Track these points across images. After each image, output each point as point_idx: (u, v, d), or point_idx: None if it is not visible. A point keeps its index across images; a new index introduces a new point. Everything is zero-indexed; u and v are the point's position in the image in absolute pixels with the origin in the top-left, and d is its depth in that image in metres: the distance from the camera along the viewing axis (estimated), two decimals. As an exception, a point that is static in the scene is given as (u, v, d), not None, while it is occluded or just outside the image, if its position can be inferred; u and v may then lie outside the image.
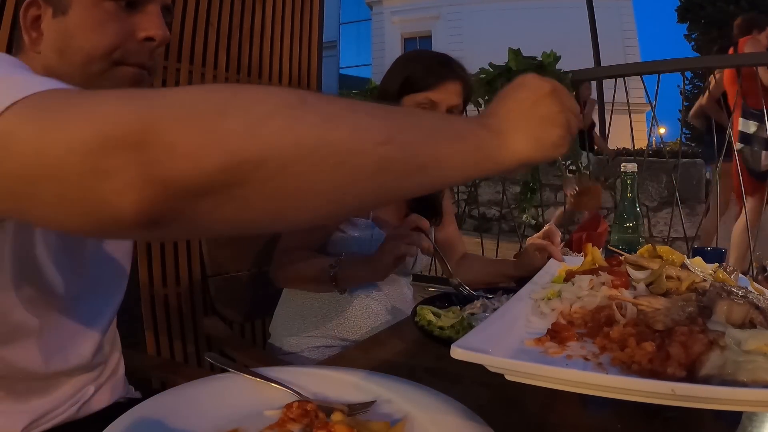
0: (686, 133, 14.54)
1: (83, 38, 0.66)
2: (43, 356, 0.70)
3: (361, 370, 0.69)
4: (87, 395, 0.78)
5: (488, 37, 15.50)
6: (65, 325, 0.74)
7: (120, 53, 0.67)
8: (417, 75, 1.24)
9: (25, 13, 0.67)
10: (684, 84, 2.92)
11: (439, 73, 1.24)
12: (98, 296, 0.80)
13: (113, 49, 0.67)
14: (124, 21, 0.68)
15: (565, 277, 0.83)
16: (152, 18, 0.69)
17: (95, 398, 0.80)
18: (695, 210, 4.64)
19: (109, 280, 0.84)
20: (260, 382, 0.64)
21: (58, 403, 0.74)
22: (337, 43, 20.15)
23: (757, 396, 0.43)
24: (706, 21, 14.60)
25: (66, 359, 0.74)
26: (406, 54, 1.35)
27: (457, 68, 1.27)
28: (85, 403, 0.78)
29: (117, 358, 0.88)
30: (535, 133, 0.48)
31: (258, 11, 2.24)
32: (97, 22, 0.66)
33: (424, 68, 1.25)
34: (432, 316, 0.95)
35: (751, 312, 0.58)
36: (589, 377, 0.49)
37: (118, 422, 0.52)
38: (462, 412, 0.57)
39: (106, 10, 0.67)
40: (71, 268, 0.72)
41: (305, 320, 1.29)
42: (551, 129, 0.50)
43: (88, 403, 0.78)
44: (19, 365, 0.67)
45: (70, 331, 0.75)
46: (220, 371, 0.67)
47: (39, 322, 0.69)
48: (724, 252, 1.19)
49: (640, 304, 0.64)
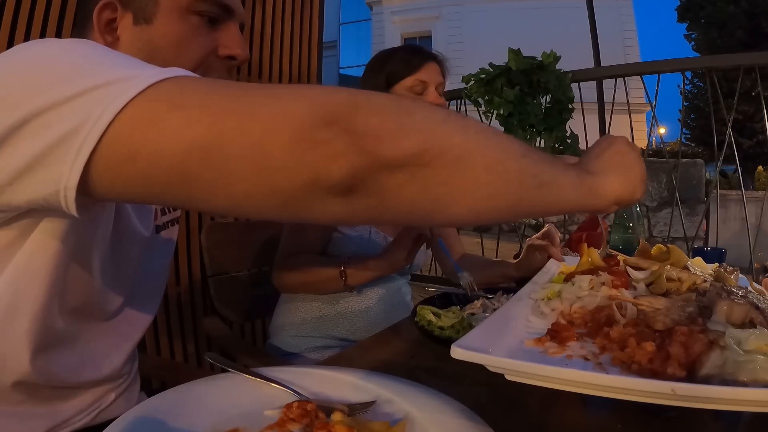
0: (686, 133, 14.57)
1: (169, 50, 0.65)
2: (76, 366, 0.69)
3: (361, 370, 0.69)
4: (106, 402, 0.77)
5: (488, 37, 15.51)
6: (102, 337, 0.73)
7: (203, 69, 0.67)
8: (396, 67, 1.28)
9: (99, 14, 0.65)
10: (684, 84, 2.92)
11: (417, 59, 1.29)
12: (136, 308, 0.79)
13: (198, 64, 0.67)
14: (207, 36, 0.68)
15: (565, 277, 0.83)
16: (233, 36, 0.70)
17: (114, 405, 0.78)
18: (695, 210, 4.64)
19: (148, 293, 0.83)
20: (260, 382, 0.64)
21: (79, 410, 0.72)
22: (337, 43, 20.16)
23: (757, 396, 0.43)
24: (706, 21, 14.60)
25: (98, 370, 0.73)
26: (376, 56, 1.37)
27: (430, 51, 1.33)
28: (103, 410, 0.76)
29: (137, 366, 0.88)
30: (624, 176, 0.57)
31: (258, 11, 2.24)
32: (184, 35, 0.66)
33: (401, 59, 1.29)
34: (432, 316, 0.95)
35: (751, 312, 0.58)
36: (589, 377, 0.49)
37: (119, 422, 0.52)
38: (462, 412, 0.57)
39: (192, 24, 0.66)
40: (113, 281, 0.71)
41: (305, 320, 1.29)
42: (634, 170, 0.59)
43: (106, 410, 0.77)
44: (51, 373, 0.65)
45: (106, 342, 0.74)
46: (220, 371, 0.67)
47: (78, 332, 0.68)
48: (724, 252, 1.19)
49: (640, 304, 0.64)
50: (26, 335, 0.59)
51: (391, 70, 1.28)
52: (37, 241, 0.55)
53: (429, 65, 1.29)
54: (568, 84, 3.02)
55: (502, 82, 3.00)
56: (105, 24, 0.65)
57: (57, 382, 0.67)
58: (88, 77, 0.41)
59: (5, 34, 1.48)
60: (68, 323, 0.65)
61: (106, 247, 0.67)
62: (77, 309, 0.66)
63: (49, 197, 0.42)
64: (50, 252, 0.56)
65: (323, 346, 1.28)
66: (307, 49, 2.51)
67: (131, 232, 0.73)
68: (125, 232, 0.71)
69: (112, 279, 0.71)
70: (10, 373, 0.61)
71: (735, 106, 2.90)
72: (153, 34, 0.65)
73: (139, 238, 0.75)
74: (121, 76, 0.41)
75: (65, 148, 0.40)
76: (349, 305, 1.28)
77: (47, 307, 0.60)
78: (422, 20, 19.14)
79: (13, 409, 0.64)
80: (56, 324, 0.63)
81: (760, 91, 2.79)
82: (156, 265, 0.83)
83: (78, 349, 0.69)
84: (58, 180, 0.41)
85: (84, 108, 0.40)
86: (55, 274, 0.58)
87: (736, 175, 4.20)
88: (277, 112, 0.39)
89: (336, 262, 1.17)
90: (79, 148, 0.39)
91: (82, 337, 0.69)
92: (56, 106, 0.40)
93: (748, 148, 12.58)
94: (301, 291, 1.28)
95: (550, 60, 2.98)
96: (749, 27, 13.64)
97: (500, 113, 2.98)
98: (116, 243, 0.69)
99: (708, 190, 5.24)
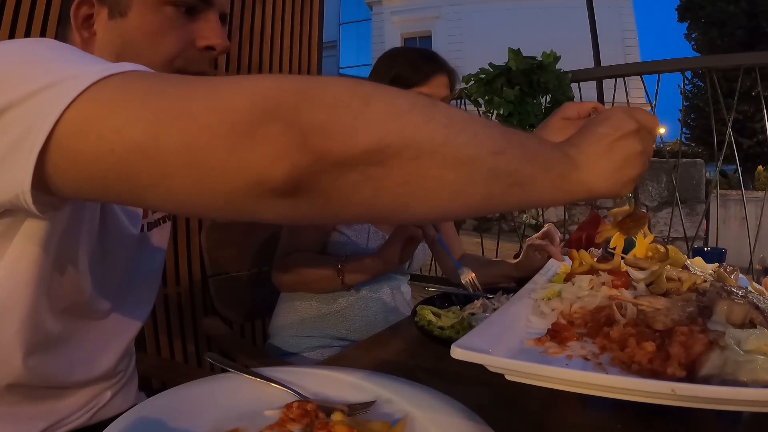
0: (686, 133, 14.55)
1: (143, 43, 0.64)
2: (68, 365, 0.69)
3: (361, 370, 0.69)
4: (103, 401, 0.77)
5: (488, 37, 15.49)
6: (93, 336, 0.73)
7: (181, 61, 0.66)
8: (405, 72, 1.26)
9: (76, 11, 0.64)
10: (684, 84, 2.92)
11: (427, 68, 1.26)
12: (128, 308, 0.79)
13: (174, 56, 0.66)
14: (184, 28, 0.67)
15: (565, 277, 0.83)
16: (212, 26, 0.68)
17: (110, 404, 0.78)
18: (695, 210, 4.63)
19: (140, 293, 0.82)
20: (260, 382, 0.64)
21: (75, 409, 0.72)
22: (337, 43, 20.14)
23: (757, 396, 0.43)
24: (706, 21, 14.60)
25: (90, 369, 0.73)
26: (389, 52, 1.36)
27: (443, 62, 1.30)
28: (100, 409, 0.76)
29: (134, 364, 0.87)
30: (611, 172, 0.49)
31: (258, 11, 2.24)
32: (158, 27, 0.65)
33: (410, 65, 1.27)
34: (432, 316, 0.95)
35: (751, 312, 0.58)
36: (589, 377, 0.49)
37: (118, 422, 0.52)
38: (462, 412, 0.57)
39: (167, 15, 0.65)
40: (103, 280, 0.71)
41: (305, 320, 1.29)
42: (627, 170, 0.50)
43: (103, 409, 0.77)
44: (43, 373, 0.65)
45: (98, 341, 0.74)
46: (220, 371, 0.67)
47: (69, 331, 0.68)
48: (724, 252, 1.19)
49: (641, 304, 0.64)
50: (17, 336, 0.59)
51: (399, 73, 1.26)
52: (22, 241, 0.55)
53: (438, 79, 1.26)
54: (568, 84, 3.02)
55: (502, 82, 3.00)
56: (82, 20, 0.65)
57: (51, 382, 0.67)
58: (39, 78, 0.41)
59: (5, 34, 1.48)
60: (60, 323, 0.65)
61: (94, 245, 0.67)
62: (68, 309, 0.66)
63: (12, 199, 0.42)
64: (35, 251, 0.56)
65: (323, 346, 1.28)
66: (307, 49, 2.51)
67: (120, 231, 0.73)
68: (113, 230, 0.71)
69: (102, 278, 0.70)
70: (4, 375, 0.61)
71: (735, 106, 2.90)
72: (127, 27, 0.64)
73: (128, 237, 0.75)
74: (68, 74, 0.40)
75: (19, 151, 0.40)
76: (348, 305, 1.28)
77: (37, 307, 0.59)
78: (422, 20, 19.13)
79: (8, 410, 0.64)
80: (47, 324, 0.63)
81: (760, 91, 2.79)
82: (148, 263, 0.83)
83: (71, 348, 0.69)
84: (15, 183, 0.41)
85: (33, 110, 0.40)
86: (41, 272, 0.58)
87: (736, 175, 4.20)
88: (213, 108, 0.37)
89: (333, 261, 1.18)
90: (30, 151, 0.39)
91: (74, 336, 0.69)
92: (10, 109, 0.40)
93: (748, 148, 12.58)
94: (300, 290, 1.28)
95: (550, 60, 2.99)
96: (749, 27, 13.63)
97: (500, 113, 2.99)
98: (104, 241, 0.69)
99: (708, 190, 5.23)
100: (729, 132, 2.80)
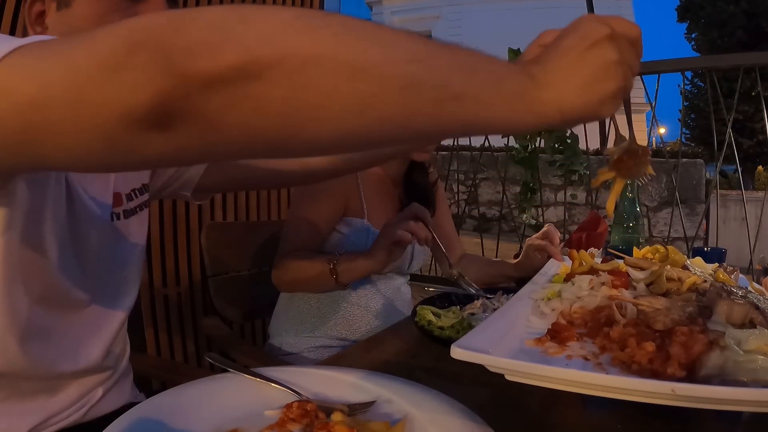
0: (686, 133, 14.56)
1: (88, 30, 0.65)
2: (51, 357, 0.69)
3: (361, 370, 0.69)
4: (95, 398, 0.77)
5: (488, 37, 15.47)
6: (75, 327, 0.73)
7: None
8: None
9: (29, 9, 0.66)
10: (684, 84, 2.92)
11: None
12: (108, 299, 0.79)
13: None
14: (128, 11, 0.67)
15: (565, 277, 0.83)
16: (158, 7, 0.68)
17: (103, 401, 0.78)
18: (695, 210, 4.64)
19: (119, 283, 0.82)
20: (260, 382, 0.64)
21: (65, 405, 0.73)
22: (337, 43, 20.12)
23: (757, 396, 0.43)
24: (706, 21, 14.61)
25: (74, 361, 0.73)
26: None
27: None
28: (92, 406, 0.77)
29: (127, 361, 0.87)
30: (583, 86, 0.42)
31: (258, 11, 2.24)
32: (102, 14, 0.66)
33: None
34: (432, 316, 0.95)
35: (751, 312, 0.58)
36: (589, 377, 0.49)
37: (118, 422, 0.52)
38: (462, 412, 0.57)
39: (110, 0, 0.66)
40: (80, 268, 0.71)
41: (305, 320, 1.29)
42: (603, 82, 0.43)
43: (95, 407, 0.77)
44: (26, 364, 0.66)
45: (80, 332, 0.74)
46: (220, 371, 0.67)
47: (49, 321, 0.68)
48: (724, 252, 1.19)
49: (640, 304, 0.64)
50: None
51: None
52: None
53: None
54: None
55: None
56: (36, 17, 0.67)
57: (32, 374, 0.68)
58: None
59: (5, 33, 1.48)
60: (40, 312, 0.66)
61: (63, 231, 0.67)
62: (46, 297, 0.66)
63: None
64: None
65: (323, 346, 1.28)
66: (307, 49, 2.51)
67: (88, 215, 0.73)
68: (82, 215, 0.71)
69: (76, 264, 0.71)
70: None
71: (735, 106, 2.90)
72: (73, 16, 0.66)
73: (98, 221, 0.75)
74: None
75: None
76: (348, 305, 1.28)
77: (11, 292, 0.60)
78: (422, 20, 19.13)
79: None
80: (24, 311, 0.64)
81: (760, 91, 2.79)
82: (125, 252, 0.82)
83: (55, 338, 0.70)
84: None
85: None
86: (8, 257, 0.58)
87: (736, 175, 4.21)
88: (88, 49, 0.37)
89: (326, 259, 1.17)
90: None
91: (57, 326, 0.70)
92: None
93: (748, 148, 12.59)
94: (298, 289, 1.28)
95: (551, 60, 2.99)
96: (749, 27, 13.64)
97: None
98: (73, 226, 0.69)
99: (708, 190, 5.24)
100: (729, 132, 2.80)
